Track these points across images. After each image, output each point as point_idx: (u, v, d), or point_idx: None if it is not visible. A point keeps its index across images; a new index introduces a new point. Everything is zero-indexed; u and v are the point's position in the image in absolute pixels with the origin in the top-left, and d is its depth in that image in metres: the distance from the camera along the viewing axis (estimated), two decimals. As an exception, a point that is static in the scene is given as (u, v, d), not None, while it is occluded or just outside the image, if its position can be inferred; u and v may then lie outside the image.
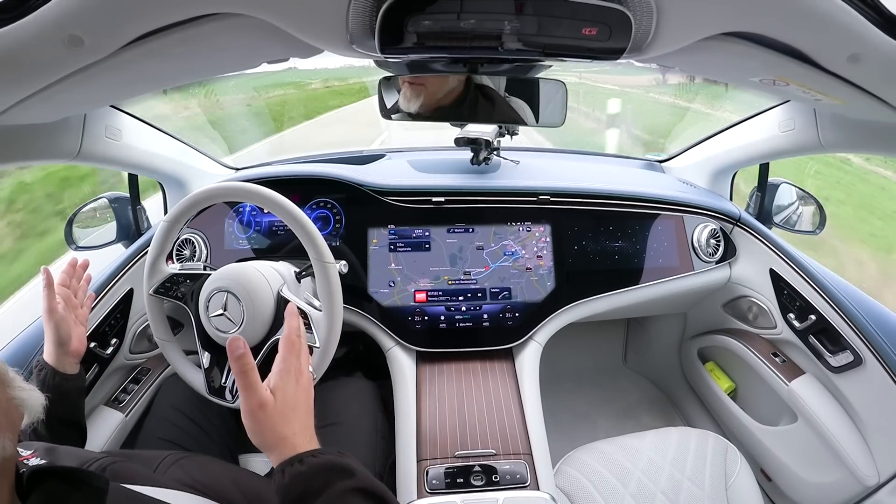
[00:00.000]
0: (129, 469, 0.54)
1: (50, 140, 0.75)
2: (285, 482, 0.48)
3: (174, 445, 0.83)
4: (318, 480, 0.48)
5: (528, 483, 0.76)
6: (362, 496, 0.49)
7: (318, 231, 0.74)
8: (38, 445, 0.53)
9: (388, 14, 0.47)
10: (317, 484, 0.48)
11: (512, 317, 0.99)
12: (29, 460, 0.49)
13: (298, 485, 0.48)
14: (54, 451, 0.54)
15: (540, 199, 1.05)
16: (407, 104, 0.92)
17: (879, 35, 0.46)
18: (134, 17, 0.44)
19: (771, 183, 1.18)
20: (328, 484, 0.48)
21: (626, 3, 0.48)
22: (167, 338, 0.81)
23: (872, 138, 0.79)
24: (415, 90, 0.91)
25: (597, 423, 1.43)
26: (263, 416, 0.50)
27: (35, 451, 0.51)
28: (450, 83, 0.90)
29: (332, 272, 0.73)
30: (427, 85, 0.90)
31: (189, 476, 0.60)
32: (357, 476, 0.50)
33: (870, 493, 0.90)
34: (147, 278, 0.80)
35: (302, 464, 0.49)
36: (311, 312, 0.74)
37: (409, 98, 0.92)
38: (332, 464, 0.50)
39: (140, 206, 1.11)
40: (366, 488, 0.50)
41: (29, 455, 0.50)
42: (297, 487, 0.48)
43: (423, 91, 0.91)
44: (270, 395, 0.52)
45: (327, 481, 0.48)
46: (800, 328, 1.03)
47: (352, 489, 0.49)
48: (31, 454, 0.50)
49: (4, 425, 0.38)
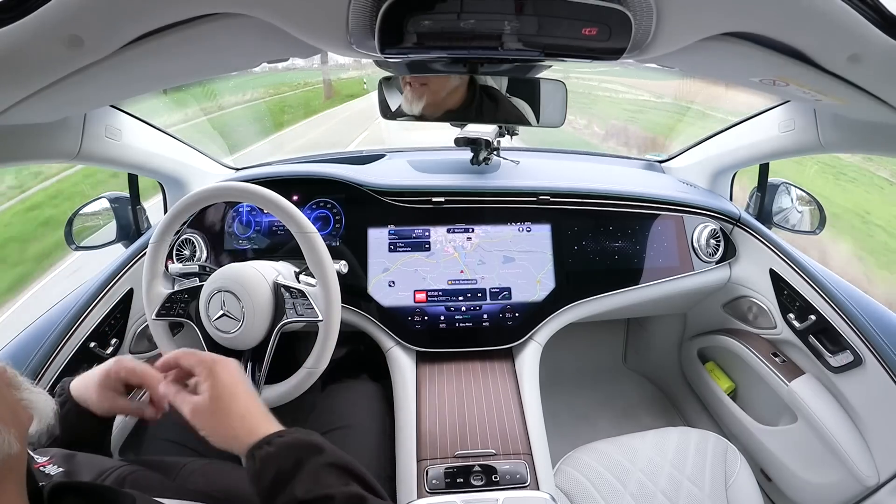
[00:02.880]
0: (149, 478, 0.53)
1: (50, 140, 0.75)
2: (257, 467, 0.48)
3: (180, 446, 0.83)
4: (289, 460, 0.48)
5: (527, 483, 0.76)
6: (336, 471, 0.49)
7: (296, 207, 0.75)
8: (54, 452, 0.51)
9: (388, 14, 0.47)
10: (289, 463, 0.48)
11: (512, 317, 0.99)
12: (46, 467, 0.48)
13: (272, 467, 0.48)
14: (72, 458, 0.51)
15: (540, 199, 1.05)
16: (409, 106, 0.92)
17: (879, 35, 0.46)
18: (134, 17, 0.44)
19: (771, 183, 1.18)
20: (300, 462, 0.48)
21: (626, 3, 0.48)
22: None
23: (872, 138, 0.79)
24: (417, 91, 0.91)
25: (597, 424, 1.43)
26: (206, 417, 0.52)
27: (52, 458, 0.50)
28: (451, 84, 0.90)
29: (317, 240, 0.74)
30: (429, 85, 0.90)
31: (211, 485, 0.58)
32: (326, 451, 0.50)
33: (870, 493, 0.90)
34: (146, 305, 0.80)
35: (270, 445, 0.49)
36: (307, 290, 0.75)
37: (410, 99, 0.92)
38: (301, 441, 0.50)
39: (140, 206, 1.11)
40: (336, 463, 0.50)
41: (45, 462, 0.48)
42: (270, 470, 0.47)
43: (426, 91, 0.90)
44: (201, 398, 0.53)
45: (298, 459, 0.48)
46: (800, 328, 1.03)
47: (325, 465, 0.49)
48: (47, 461, 0.49)
49: (10, 421, 0.37)
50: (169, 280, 0.88)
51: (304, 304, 0.74)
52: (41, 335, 0.86)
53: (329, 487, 0.47)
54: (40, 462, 0.48)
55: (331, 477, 0.48)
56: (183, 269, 0.86)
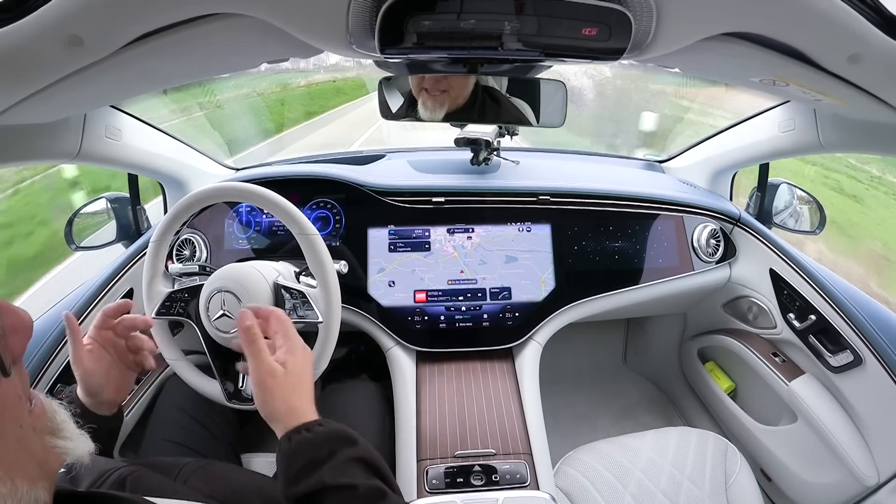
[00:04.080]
0: (150, 479, 0.53)
1: (50, 140, 0.75)
2: (291, 448, 0.50)
3: (179, 446, 0.83)
4: (324, 449, 0.50)
5: (527, 483, 0.76)
6: (363, 465, 0.52)
7: (296, 207, 0.75)
8: None
9: (388, 14, 0.47)
10: (323, 452, 0.50)
11: (512, 317, 0.99)
12: None
13: (306, 452, 0.49)
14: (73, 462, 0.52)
15: (540, 199, 1.05)
16: (430, 114, 0.90)
17: (879, 35, 0.46)
18: (134, 17, 0.44)
19: (771, 183, 1.18)
20: (333, 452, 0.50)
21: (626, 4, 0.48)
22: (177, 356, 0.80)
23: (872, 138, 0.79)
24: (438, 100, 0.88)
25: (597, 423, 1.43)
26: (274, 384, 0.54)
27: None
28: (469, 87, 0.89)
29: (318, 242, 0.73)
30: (450, 91, 0.88)
31: (210, 486, 0.58)
32: (359, 445, 0.52)
33: (870, 493, 0.90)
34: (146, 303, 0.80)
35: (309, 432, 0.51)
36: (308, 291, 0.75)
37: (431, 108, 0.89)
38: (338, 432, 0.53)
39: (140, 206, 1.11)
40: (365, 458, 0.52)
41: None
42: (303, 455, 0.49)
43: (447, 98, 0.89)
44: (280, 366, 0.55)
45: (332, 450, 0.50)
46: (800, 328, 1.03)
47: (354, 458, 0.51)
48: None
49: (38, 476, 0.32)
50: (169, 280, 0.88)
51: (304, 305, 0.74)
52: (41, 335, 0.86)
53: (354, 478, 0.49)
54: None
55: (358, 469, 0.50)
56: (183, 269, 0.86)
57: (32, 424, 0.34)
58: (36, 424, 0.34)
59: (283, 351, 0.57)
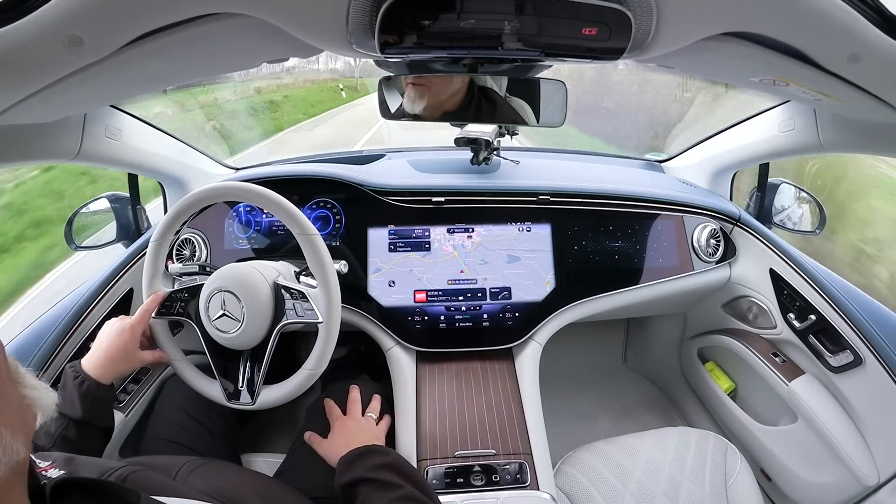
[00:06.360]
0: (150, 478, 0.53)
1: (50, 140, 0.75)
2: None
3: (179, 446, 0.83)
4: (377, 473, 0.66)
5: (528, 483, 0.76)
6: (415, 483, 0.65)
7: (297, 207, 0.75)
8: (55, 456, 0.51)
9: (388, 14, 0.47)
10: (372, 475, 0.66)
11: (512, 317, 0.99)
12: (48, 471, 0.47)
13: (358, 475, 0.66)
14: (73, 461, 0.52)
15: (540, 199, 1.05)
16: (411, 105, 0.92)
17: (879, 35, 0.46)
18: (134, 17, 0.43)
19: (771, 183, 1.18)
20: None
21: (626, 3, 0.48)
22: (178, 357, 0.80)
23: (872, 138, 0.79)
24: (418, 91, 0.91)
25: (597, 423, 1.44)
26: (321, 449, 0.77)
27: (53, 462, 0.50)
28: (453, 84, 0.90)
29: (318, 242, 0.73)
30: (430, 86, 0.90)
31: (208, 485, 0.59)
32: (405, 472, 0.68)
33: (870, 493, 0.90)
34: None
35: (387, 454, 0.70)
36: (308, 291, 0.75)
37: (412, 99, 0.91)
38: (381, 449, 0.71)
39: (140, 206, 1.11)
40: (395, 464, 0.69)
41: (47, 466, 0.48)
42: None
43: (427, 92, 0.90)
44: (326, 442, 0.78)
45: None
46: (800, 328, 1.03)
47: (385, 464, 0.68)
48: (49, 465, 0.48)
49: (18, 427, 0.35)
50: (169, 280, 0.88)
51: (304, 305, 0.74)
52: (41, 335, 0.86)
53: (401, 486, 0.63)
54: (42, 466, 0.48)
55: (407, 480, 0.65)
56: (183, 269, 0.86)
57: (8, 375, 0.36)
58: (10, 375, 0.37)
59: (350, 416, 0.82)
